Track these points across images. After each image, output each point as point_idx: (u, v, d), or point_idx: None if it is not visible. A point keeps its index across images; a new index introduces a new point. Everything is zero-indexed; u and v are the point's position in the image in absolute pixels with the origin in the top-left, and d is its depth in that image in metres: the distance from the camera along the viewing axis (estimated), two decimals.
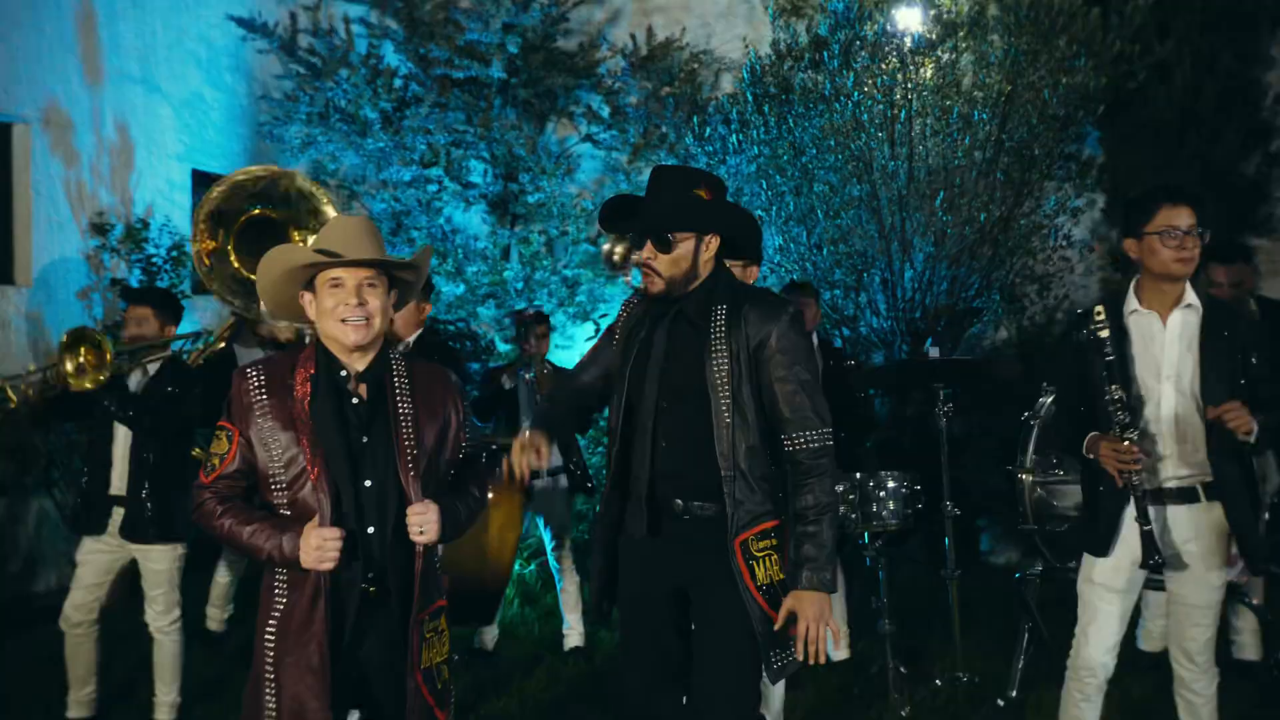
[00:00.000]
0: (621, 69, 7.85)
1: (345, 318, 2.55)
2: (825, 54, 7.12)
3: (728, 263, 2.96)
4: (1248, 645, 4.71)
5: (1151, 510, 3.27)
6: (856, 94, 6.86)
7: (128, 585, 4.93)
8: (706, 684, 2.80)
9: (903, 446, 6.76)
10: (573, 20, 8.00)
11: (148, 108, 7.44)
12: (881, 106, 6.80)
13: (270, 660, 2.57)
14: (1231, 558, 4.03)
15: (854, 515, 4.48)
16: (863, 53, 6.96)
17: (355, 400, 2.62)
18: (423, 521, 2.58)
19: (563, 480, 5.48)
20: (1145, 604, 4.67)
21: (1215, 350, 3.28)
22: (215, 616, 5.60)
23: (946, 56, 6.87)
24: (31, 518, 6.47)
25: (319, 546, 2.49)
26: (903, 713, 4.34)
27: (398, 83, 7.62)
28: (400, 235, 7.62)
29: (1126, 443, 3.19)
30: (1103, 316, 3.29)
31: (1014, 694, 4.46)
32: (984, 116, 6.63)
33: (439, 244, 7.72)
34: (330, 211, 4.91)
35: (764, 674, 2.77)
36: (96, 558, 4.38)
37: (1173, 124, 7.18)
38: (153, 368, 4.45)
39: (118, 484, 4.35)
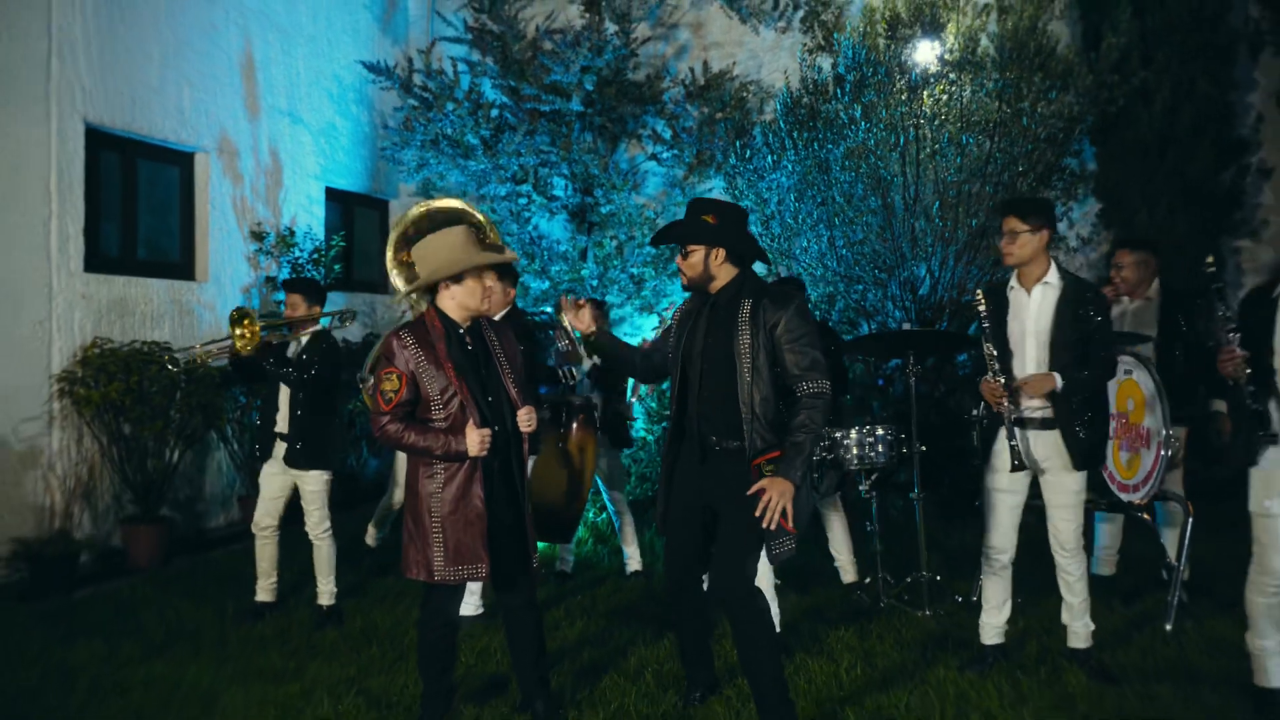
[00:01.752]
0: (680, 98, 8.58)
1: (488, 297, 3.74)
2: (838, 90, 7.84)
3: None
4: (1105, 562, 5.74)
5: (1019, 432, 4.17)
6: (864, 124, 7.58)
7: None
8: (720, 556, 3.66)
9: (930, 422, 7.29)
10: (642, 55, 8.82)
11: (293, 136, 8.53)
12: (887, 133, 7.51)
13: (437, 521, 3.57)
14: (1131, 485, 5.02)
15: (850, 456, 5.39)
16: (870, 89, 7.68)
17: (469, 347, 3.73)
18: (528, 418, 3.73)
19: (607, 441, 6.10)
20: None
21: (1062, 316, 4.11)
22: (372, 534, 6.57)
23: (947, 90, 7.53)
24: (211, 466, 7.58)
25: (480, 441, 3.55)
26: (881, 604, 5.35)
27: (495, 113, 8.43)
28: None
29: (997, 381, 4.13)
30: (979, 296, 4.26)
31: (975, 599, 5.26)
32: (971, 140, 7.33)
33: (528, 248, 8.55)
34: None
35: (765, 555, 3.59)
36: (272, 478, 5.40)
37: (1154, 142, 7.78)
38: (305, 339, 5.44)
39: (281, 424, 5.34)
